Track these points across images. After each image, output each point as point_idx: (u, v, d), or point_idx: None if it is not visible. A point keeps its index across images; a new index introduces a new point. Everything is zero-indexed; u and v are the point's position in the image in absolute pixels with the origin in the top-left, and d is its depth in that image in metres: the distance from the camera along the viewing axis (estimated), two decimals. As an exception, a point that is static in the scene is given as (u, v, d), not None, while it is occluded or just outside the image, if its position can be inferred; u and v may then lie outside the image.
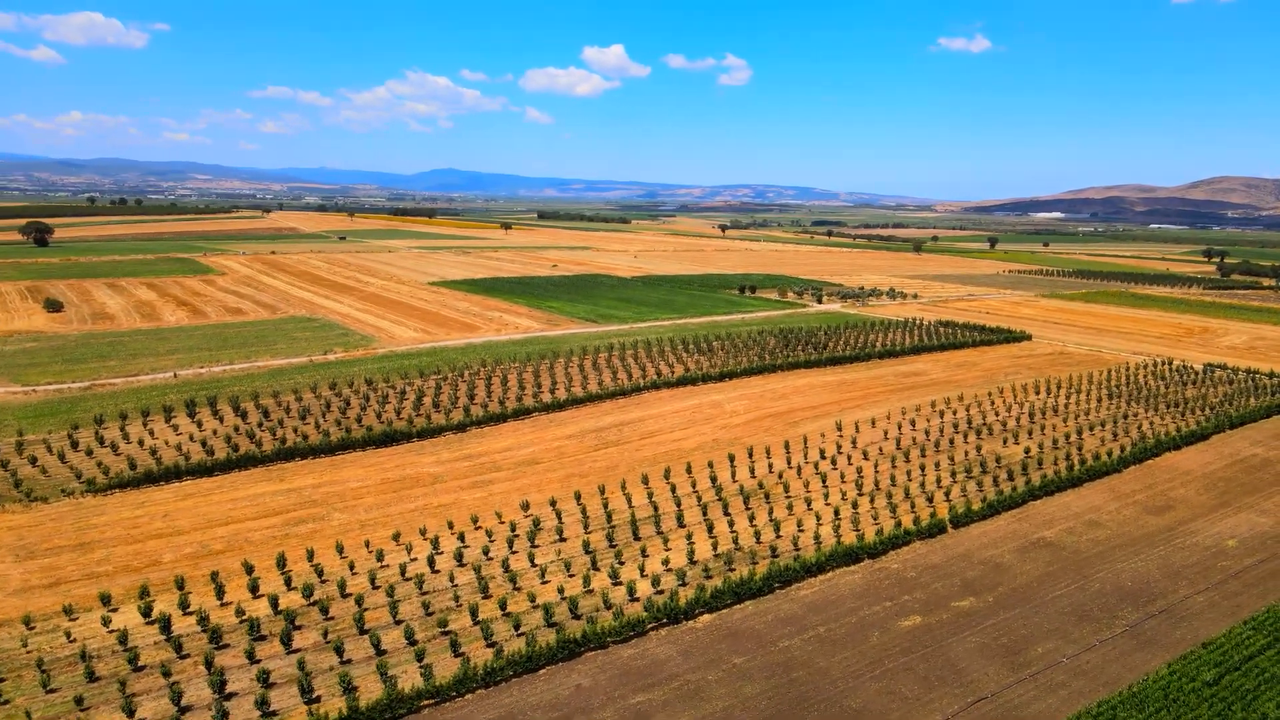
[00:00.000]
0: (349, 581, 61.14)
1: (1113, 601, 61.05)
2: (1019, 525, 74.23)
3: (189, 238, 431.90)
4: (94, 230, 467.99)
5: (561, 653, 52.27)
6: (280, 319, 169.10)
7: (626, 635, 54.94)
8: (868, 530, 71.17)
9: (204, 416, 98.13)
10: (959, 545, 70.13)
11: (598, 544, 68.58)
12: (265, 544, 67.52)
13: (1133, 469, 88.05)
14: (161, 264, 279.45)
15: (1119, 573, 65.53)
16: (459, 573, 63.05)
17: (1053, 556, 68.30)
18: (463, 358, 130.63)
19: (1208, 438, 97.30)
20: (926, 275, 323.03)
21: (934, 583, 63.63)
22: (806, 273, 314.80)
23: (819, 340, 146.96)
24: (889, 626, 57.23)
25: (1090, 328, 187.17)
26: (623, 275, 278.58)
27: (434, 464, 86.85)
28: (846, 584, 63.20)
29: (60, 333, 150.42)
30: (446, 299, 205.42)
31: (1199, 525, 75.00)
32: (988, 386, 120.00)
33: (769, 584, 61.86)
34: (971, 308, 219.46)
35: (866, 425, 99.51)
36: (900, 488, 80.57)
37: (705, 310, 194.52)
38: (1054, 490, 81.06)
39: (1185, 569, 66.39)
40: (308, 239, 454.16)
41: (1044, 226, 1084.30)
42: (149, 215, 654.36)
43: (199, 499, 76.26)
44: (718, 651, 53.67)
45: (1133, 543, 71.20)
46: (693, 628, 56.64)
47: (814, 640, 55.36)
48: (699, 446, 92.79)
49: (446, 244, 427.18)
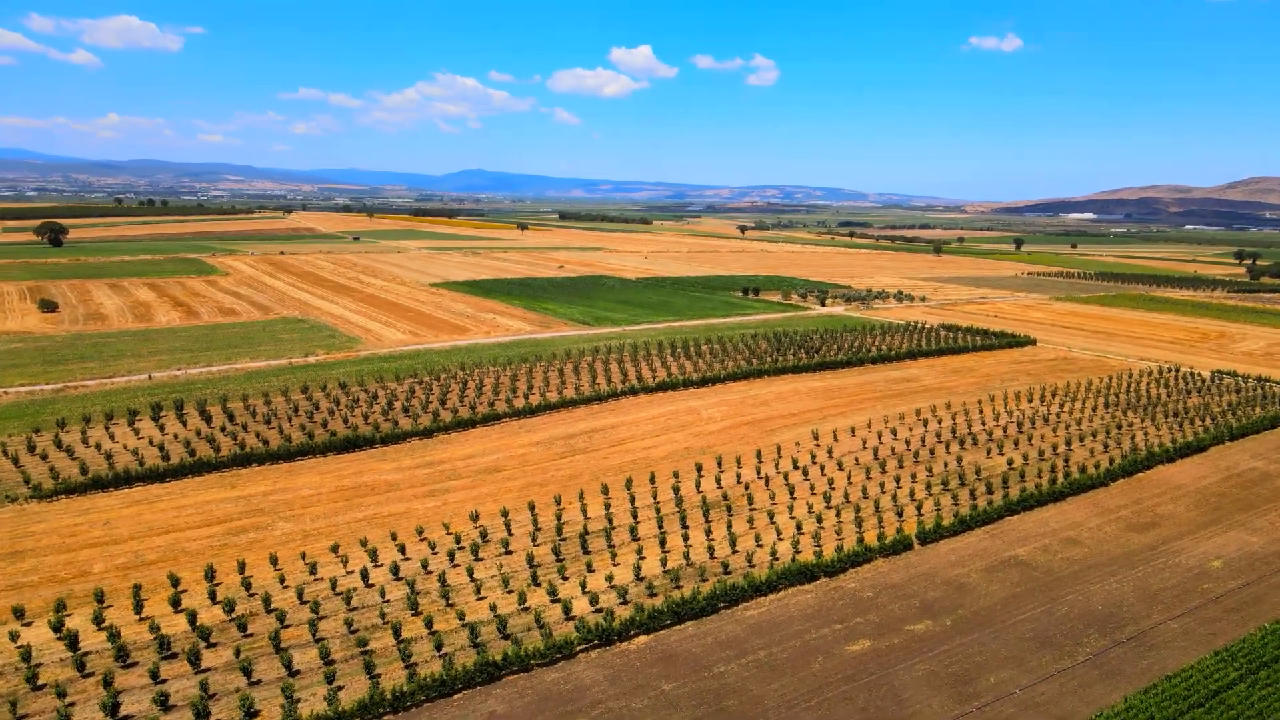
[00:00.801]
0: (275, 596, 58.82)
1: (1079, 627, 57.40)
2: (991, 542, 70.60)
3: (206, 238, 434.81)
4: (115, 231, 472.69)
5: (480, 676, 49.56)
6: (271, 320, 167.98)
7: (553, 658, 52.15)
8: (829, 546, 67.94)
9: (169, 420, 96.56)
10: (924, 563, 66.66)
11: (543, 558, 65.85)
12: (201, 554, 65.43)
13: (1121, 483, 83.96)
14: (169, 264, 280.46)
15: (1090, 595, 61.79)
16: (392, 587, 60.57)
17: (1022, 576, 64.66)
18: (445, 361, 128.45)
19: (1205, 450, 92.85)
20: (941, 277, 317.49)
21: (891, 604, 60.28)
22: (819, 274, 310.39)
23: (812, 344, 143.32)
24: (835, 652, 53.99)
25: (1100, 332, 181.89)
26: (628, 277, 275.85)
27: (393, 471, 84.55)
28: (797, 604, 60.00)
29: (49, 333, 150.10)
30: (443, 300, 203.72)
31: (1184, 544, 70.96)
32: (981, 394, 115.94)
33: (713, 604, 58.82)
34: (980, 311, 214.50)
35: (846, 434, 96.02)
36: (871, 501, 77.14)
37: (703, 313, 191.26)
38: (1033, 505, 77.26)
39: (1163, 592, 62.52)
40: (322, 239, 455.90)
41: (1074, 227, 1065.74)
42: (173, 216, 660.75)
43: (144, 506, 74.40)
44: (648, 676, 50.73)
45: (1110, 562, 67.36)
46: (625, 650, 53.73)
47: (752, 665, 52.26)
48: (669, 455, 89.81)
49: (458, 245, 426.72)
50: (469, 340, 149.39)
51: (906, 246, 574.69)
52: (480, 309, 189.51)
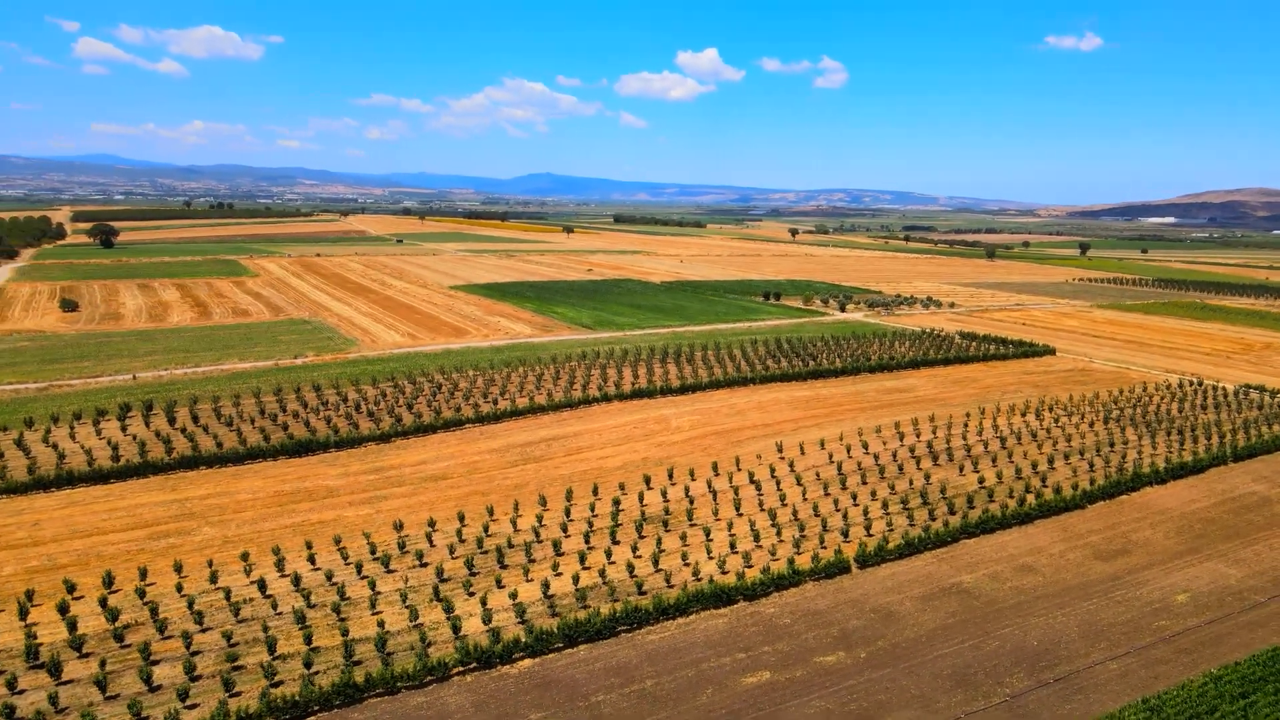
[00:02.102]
0: (166, 605, 57.42)
1: (1006, 664, 52.69)
2: (937, 567, 65.92)
3: (257, 240, 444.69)
4: (174, 233, 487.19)
5: (338, 698, 47.22)
6: (278, 321, 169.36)
7: (424, 680, 49.57)
8: (759, 567, 64.05)
9: (134, 421, 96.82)
10: (857, 588, 62.41)
11: (455, 572, 63.39)
12: (116, 559, 64.53)
13: (1100, 505, 78.12)
14: (205, 265, 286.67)
15: (1029, 629, 56.90)
16: (288, 599, 58.71)
17: (960, 606, 59.99)
18: (430, 364, 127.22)
19: (1203, 470, 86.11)
20: (983, 283, 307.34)
21: (806, 632, 56.30)
22: (854, 279, 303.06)
23: (812, 351, 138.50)
24: (728, 684, 50.33)
25: (1132, 341, 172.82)
26: (653, 280, 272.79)
27: (339, 476, 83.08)
28: (705, 629, 56.42)
29: (60, 332, 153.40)
30: (456, 303, 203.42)
31: (1152, 575, 65.28)
32: (976, 406, 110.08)
33: (613, 626, 55.61)
34: (1011, 318, 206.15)
35: (815, 446, 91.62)
36: (819, 519, 72.91)
37: (714, 318, 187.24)
38: (995, 527, 72.16)
39: (1112, 628, 57.27)
40: (366, 241, 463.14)
41: (1151, 232, 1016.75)
42: (237, 219, 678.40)
43: (79, 508, 74.06)
44: (517, 704, 47.80)
45: (1063, 593, 62.19)
46: (505, 675, 50.86)
47: (634, 696, 48.95)
48: (624, 465, 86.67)
49: (496, 247, 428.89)
50: (463, 344, 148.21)
51: (961, 251, 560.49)
52: (489, 312, 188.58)
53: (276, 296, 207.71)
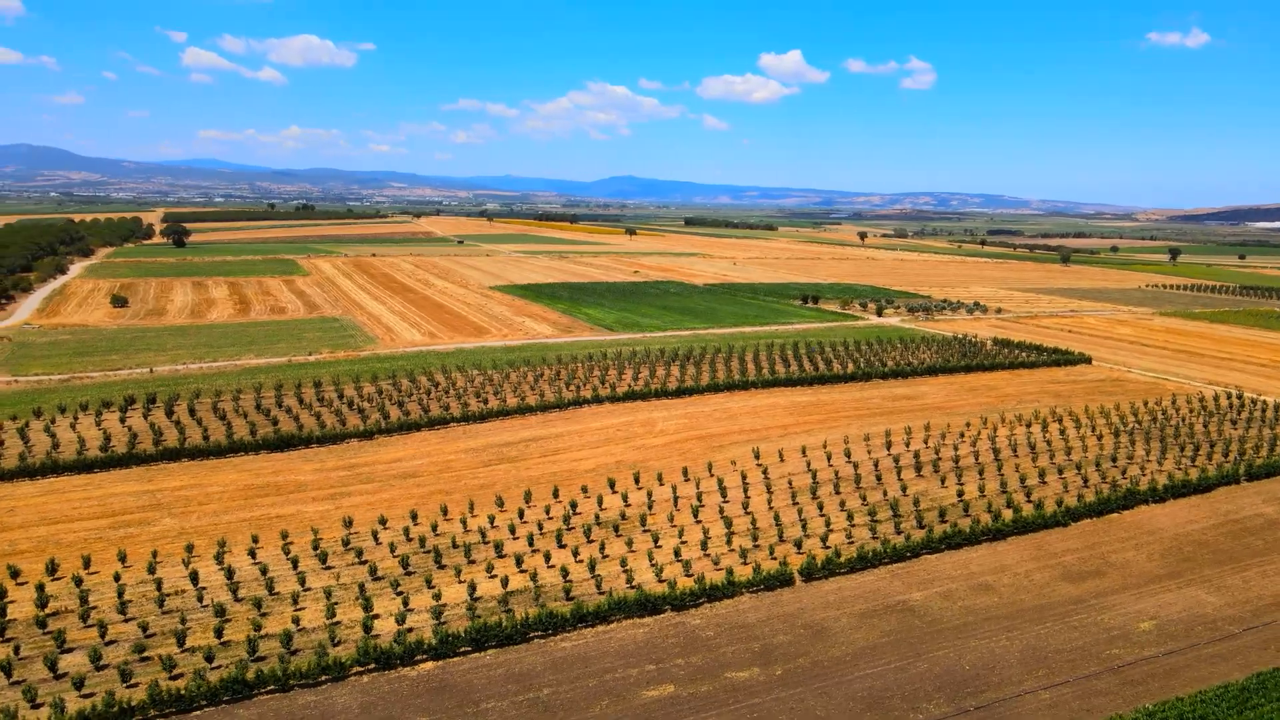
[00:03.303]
0: (97, 594, 58.55)
1: (928, 689, 49.68)
2: (889, 583, 62.83)
3: (324, 240, 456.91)
4: (249, 234, 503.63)
5: (227, 694, 47.21)
6: (309, 319, 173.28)
7: (319, 680, 49.25)
8: (704, 575, 61.94)
9: (134, 413, 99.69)
10: (795, 602, 59.91)
11: (389, 570, 63.12)
12: (72, 547, 66.18)
13: (1086, 523, 73.49)
14: (263, 264, 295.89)
15: (965, 653, 53.61)
16: (216, 592, 59.28)
17: (900, 625, 56.96)
18: (438, 362, 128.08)
19: (1210, 489, 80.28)
20: (1047, 288, 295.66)
21: (727, 646, 54.17)
22: (909, 284, 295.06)
23: (827, 356, 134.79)
24: (627, 696, 48.66)
25: (1183, 350, 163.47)
26: (696, 283, 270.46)
27: (312, 472, 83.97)
28: (622, 639, 54.80)
29: (102, 327, 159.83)
30: (490, 302, 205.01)
31: (1121, 599, 60.97)
32: (983, 414, 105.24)
33: (526, 632, 54.45)
34: (1060, 324, 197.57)
35: (796, 453, 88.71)
36: (778, 528, 70.31)
37: (743, 320, 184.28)
38: (962, 543, 68.52)
39: (1057, 654, 53.54)
40: (429, 242, 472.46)
41: (1256, 237, 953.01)
42: (317, 220, 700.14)
43: (56, 495, 76.41)
44: (404, 708, 47.04)
45: (1016, 615, 58.54)
46: (403, 676, 50.20)
47: (525, 705, 47.70)
48: (596, 468, 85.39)
49: (552, 248, 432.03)
50: (478, 343, 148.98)
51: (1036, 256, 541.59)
52: (518, 312, 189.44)
53: (318, 295, 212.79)
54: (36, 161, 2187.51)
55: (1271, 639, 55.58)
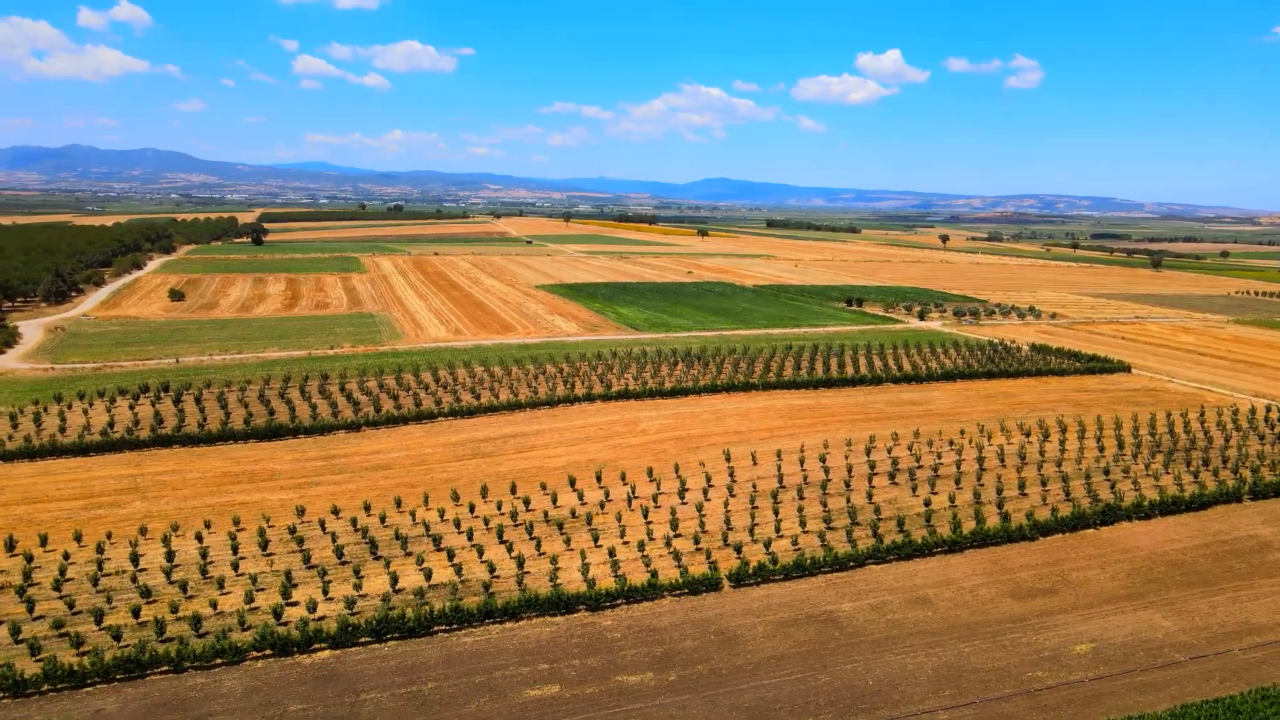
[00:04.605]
0: (41, 571, 61.22)
1: (820, 703, 47.70)
2: (822, 592, 60.68)
3: (399, 240, 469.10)
4: (330, 233, 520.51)
5: (120, 671, 48.68)
6: (346, 314, 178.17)
7: (213, 663, 50.32)
8: (628, 577, 61.07)
9: (144, 402, 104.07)
10: (717, 608, 58.40)
11: (324, 559, 64.20)
12: (42, 525, 69.21)
13: (1057, 538, 69.49)
14: (327, 262, 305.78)
15: (874, 668, 51.27)
16: (152, 574, 61.28)
17: (817, 636, 54.90)
18: (450, 358, 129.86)
19: (1206, 507, 74.83)
20: (1119, 294, 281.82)
21: (630, 649, 53.17)
22: (970, 288, 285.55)
23: (842, 359, 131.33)
24: (510, 694, 48.21)
25: (1242, 361, 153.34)
26: (746, 284, 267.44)
27: (290, 461, 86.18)
28: (526, 637, 54.37)
29: (151, 319, 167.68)
30: (530, 301, 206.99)
31: (1066, 620, 57.38)
32: (988, 422, 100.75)
33: (430, 625, 54.56)
34: (1116, 331, 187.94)
35: (771, 456, 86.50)
36: (728, 532, 68.74)
37: (775, 322, 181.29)
38: (913, 554, 65.66)
39: (973, 674, 50.70)
40: (500, 241, 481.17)
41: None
42: (402, 220, 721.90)
43: (47, 477, 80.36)
44: (285, 694, 47.67)
45: (946, 631, 55.72)
46: (297, 664, 50.89)
47: (406, 697, 47.75)
48: (565, 466, 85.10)
49: (617, 249, 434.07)
50: (499, 340, 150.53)
51: (1126, 260, 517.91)
52: (552, 310, 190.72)
53: (366, 291, 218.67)
54: (161, 165, 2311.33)
55: (1218, 669, 51.43)
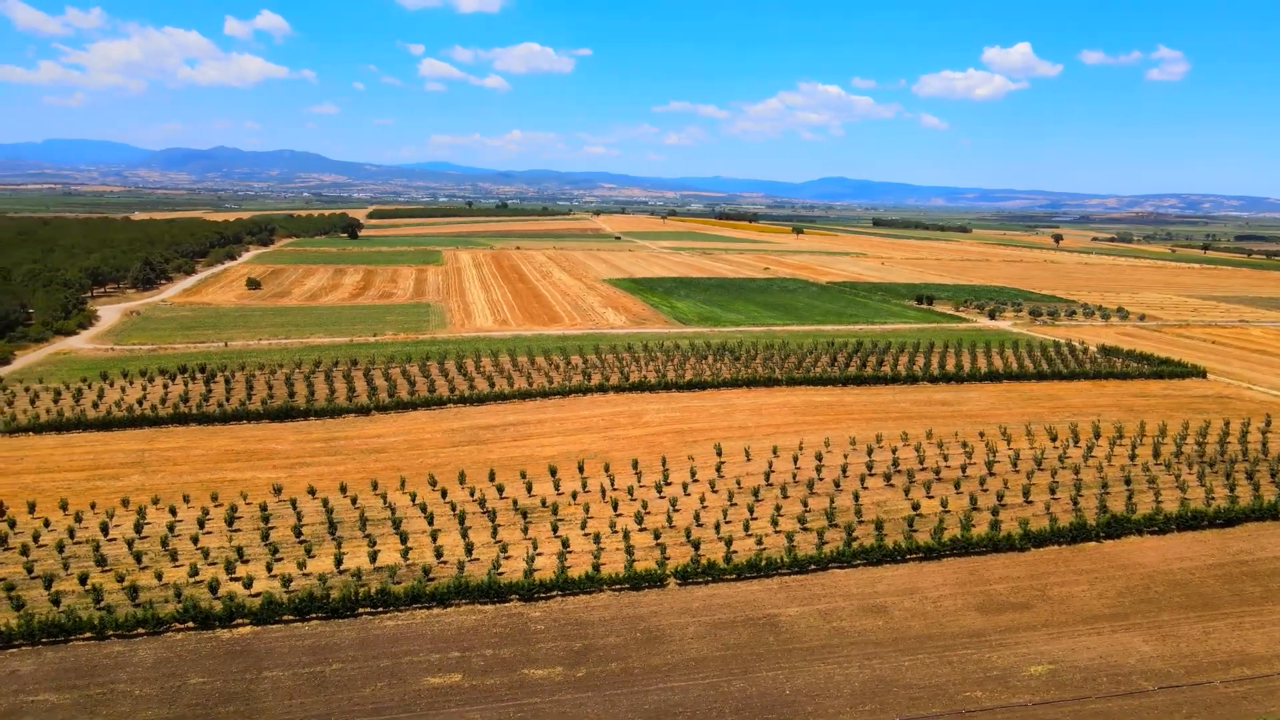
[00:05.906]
0: (16, 536, 63.87)
1: (727, 710, 44.84)
2: (772, 595, 57.42)
3: (493, 235, 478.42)
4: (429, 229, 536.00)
5: (45, 635, 50.16)
6: (404, 304, 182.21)
7: (134, 632, 51.30)
8: (568, 569, 59.36)
9: (176, 381, 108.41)
10: (654, 605, 56.01)
11: (281, 538, 64.85)
12: (45, 492, 72.52)
13: (1049, 550, 63.81)
14: (410, 255, 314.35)
15: (797, 677, 47.93)
16: (114, 545, 63.18)
17: (750, 640, 51.84)
18: (483, 347, 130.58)
19: (1234, 524, 67.28)
20: (1232, 297, 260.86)
21: (549, 641, 51.46)
22: (1061, 289, 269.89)
23: (881, 357, 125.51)
24: (409, 681, 47.27)
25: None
26: (820, 281, 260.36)
27: (292, 441, 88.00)
28: (448, 624, 53.37)
29: (221, 306, 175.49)
30: (590, 294, 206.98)
31: (1030, 638, 52.40)
32: (1018, 424, 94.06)
33: (355, 607, 54.21)
34: (1209, 335, 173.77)
35: (765, 453, 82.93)
36: (695, 527, 66.06)
37: (831, 318, 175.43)
38: (882, 560, 61.47)
39: (903, 691, 46.74)
40: (590, 238, 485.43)
41: None
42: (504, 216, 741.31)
43: (65, 448, 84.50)
44: (191, 668, 48.06)
45: (891, 643, 51.70)
46: (216, 637, 51.34)
47: (306, 678, 47.43)
48: (556, 456, 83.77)
49: (701, 245, 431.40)
50: (541, 330, 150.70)
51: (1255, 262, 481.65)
52: (608, 303, 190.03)
53: (433, 283, 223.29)
54: (296, 165, 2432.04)
55: (1187, 702, 45.82)
